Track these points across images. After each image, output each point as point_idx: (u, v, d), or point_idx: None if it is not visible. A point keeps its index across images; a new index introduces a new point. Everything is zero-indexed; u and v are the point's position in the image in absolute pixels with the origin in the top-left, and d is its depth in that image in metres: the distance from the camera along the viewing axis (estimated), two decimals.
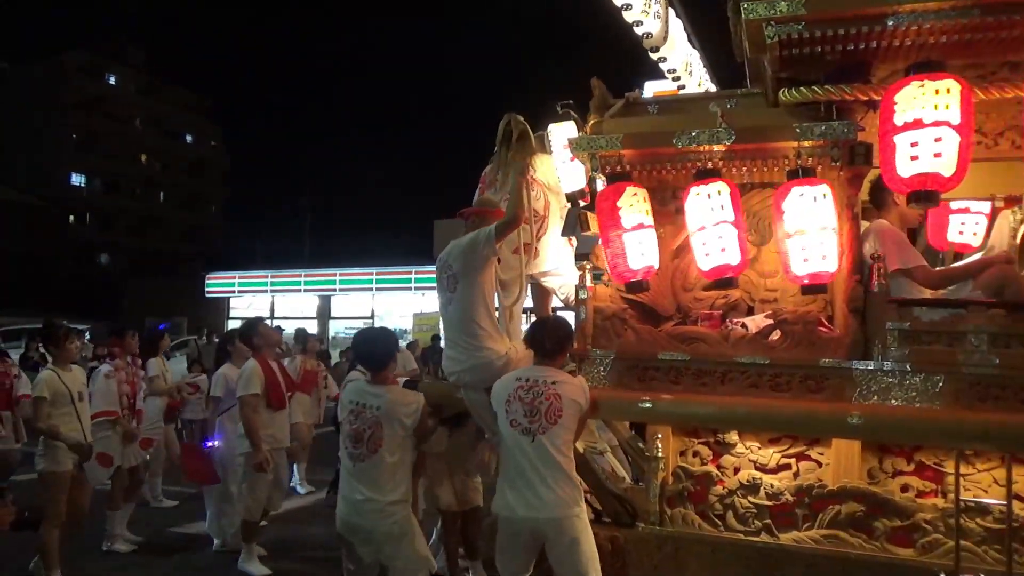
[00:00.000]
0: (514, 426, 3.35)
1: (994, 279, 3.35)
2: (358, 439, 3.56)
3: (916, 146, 2.87)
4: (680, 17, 6.68)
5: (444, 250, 3.83)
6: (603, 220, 3.56)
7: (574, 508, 3.28)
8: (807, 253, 3.23)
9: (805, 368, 3.31)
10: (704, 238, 3.39)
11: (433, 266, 15.33)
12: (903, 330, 3.20)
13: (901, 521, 3.26)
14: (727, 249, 3.35)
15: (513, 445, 3.36)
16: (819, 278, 3.27)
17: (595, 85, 3.97)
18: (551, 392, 3.34)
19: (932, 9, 3.05)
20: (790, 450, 3.49)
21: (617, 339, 3.63)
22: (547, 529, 3.27)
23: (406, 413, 3.59)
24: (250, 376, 5.35)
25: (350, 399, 3.67)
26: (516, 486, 3.32)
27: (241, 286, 24.24)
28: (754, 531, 3.46)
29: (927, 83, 2.88)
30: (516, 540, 3.37)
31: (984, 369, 3.08)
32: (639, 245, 3.49)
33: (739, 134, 3.39)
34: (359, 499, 3.54)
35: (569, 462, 3.34)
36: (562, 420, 3.31)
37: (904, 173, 2.89)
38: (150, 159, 44.53)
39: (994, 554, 3.11)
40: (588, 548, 3.29)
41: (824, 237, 3.21)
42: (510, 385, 3.44)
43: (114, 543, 5.77)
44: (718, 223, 3.35)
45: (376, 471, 3.54)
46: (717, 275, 3.42)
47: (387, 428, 3.55)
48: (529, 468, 3.29)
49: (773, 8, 3.22)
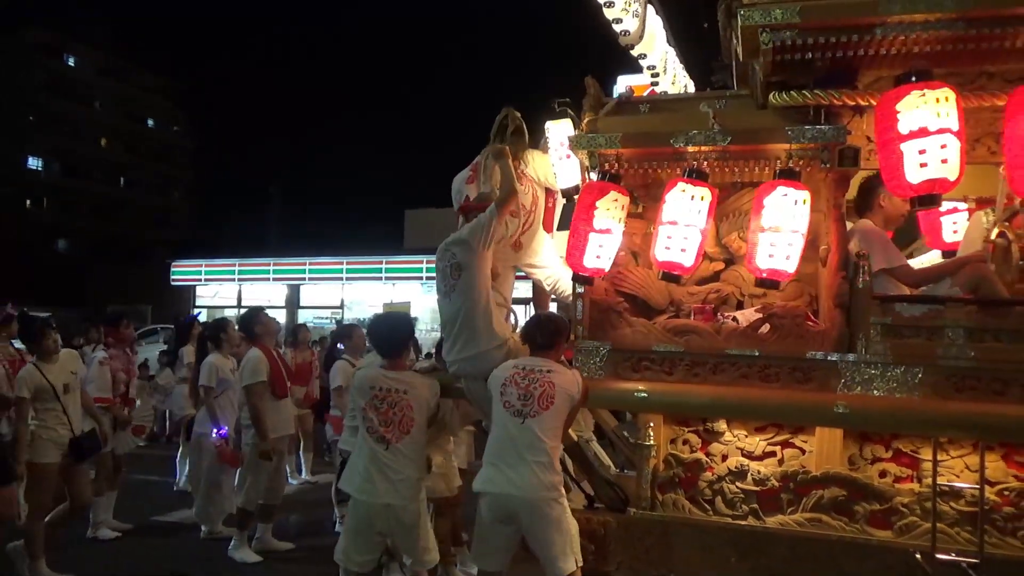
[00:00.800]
0: (507, 407, 3.46)
1: (970, 277, 3.55)
2: (388, 422, 3.66)
3: (924, 153, 3.01)
4: (659, 15, 6.83)
5: (445, 240, 3.91)
6: (578, 211, 3.68)
7: (552, 493, 3.37)
8: (774, 250, 3.38)
9: (793, 360, 3.47)
10: (671, 232, 3.52)
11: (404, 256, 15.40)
12: (885, 325, 3.37)
13: (880, 505, 3.46)
14: (686, 250, 3.49)
15: (502, 425, 3.47)
16: (777, 275, 3.41)
17: (589, 84, 4.07)
18: (546, 380, 3.46)
19: (919, 21, 3.21)
20: (775, 438, 3.66)
21: (612, 331, 3.75)
22: (522, 509, 3.35)
23: (432, 395, 3.78)
24: (256, 364, 5.38)
25: (371, 385, 3.75)
26: (498, 464, 3.43)
27: (208, 274, 23.83)
28: (741, 515, 3.63)
29: (927, 92, 3.04)
30: (491, 517, 3.44)
31: (960, 362, 3.26)
32: (599, 248, 3.63)
33: (733, 136, 3.53)
34: (397, 479, 3.63)
35: (555, 449, 3.44)
36: (554, 407, 3.42)
37: (914, 179, 3.03)
38: (112, 142, 43.54)
39: (966, 535, 3.32)
40: (564, 534, 3.36)
41: (793, 239, 3.36)
42: (508, 370, 3.56)
43: (98, 530, 5.76)
44: (689, 224, 3.49)
45: (411, 451, 3.68)
46: (667, 268, 3.56)
47: (417, 411, 3.69)
48: (513, 449, 3.40)
49: (768, 16, 3.35)
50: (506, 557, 3.55)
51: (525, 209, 4.13)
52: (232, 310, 22.27)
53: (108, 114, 43.06)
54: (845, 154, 3.45)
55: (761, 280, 3.47)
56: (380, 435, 3.67)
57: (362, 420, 3.75)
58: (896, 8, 3.19)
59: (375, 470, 3.65)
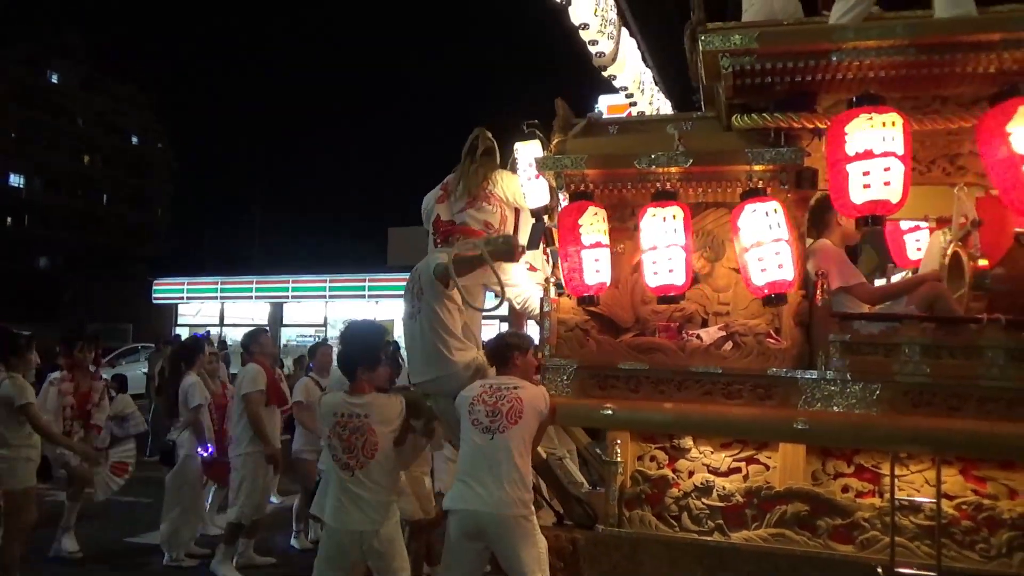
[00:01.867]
0: (475, 425, 3.49)
1: (926, 295, 3.64)
2: (350, 449, 3.62)
3: (868, 175, 3.11)
4: (635, 37, 6.95)
5: (422, 261, 3.95)
6: (563, 235, 3.74)
7: (522, 510, 3.38)
8: (764, 264, 3.44)
9: (755, 377, 3.53)
10: (655, 257, 3.58)
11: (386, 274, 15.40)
12: (844, 342, 3.44)
13: (842, 520, 3.50)
14: (674, 271, 3.55)
15: (471, 443, 3.49)
16: (778, 287, 3.44)
17: (559, 106, 4.14)
18: (513, 396, 3.51)
19: (872, 47, 3.31)
20: (740, 454, 3.71)
21: (580, 349, 3.81)
22: (490, 526, 3.36)
23: (396, 415, 3.71)
24: (255, 375, 5.53)
25: (332, 411, 3.70)
26: (468, 482, 3.44)
27: (190, 292, 23.74)
28: (707, 531, 3.67)
29: (874, 116, 3.13)
30: (460, 535, 3.45)
31: (917, 378, 3.34)
32: (595, 263, 3.68)
33: (695, 157, 3.61)
34: (365, 505, 3.59)
35: (525, 464, 3.46)
36: (522, 422, 3.46)
37: (857, 200, 3.13)
38: (94, 157, 43.33)
39: (926, 549, 3.37)
40: (532, 553, 3.37)
41: (779, 248, 3.41)
42: (475, 390, 3.60)
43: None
44: (670, 245, 3.54)
45: (378, 475, 3.63)
46: (662, 292, 3.61)
47: (380, 434, 3.64)
48: (484, 465, 3.42)
49: (728, 41, 3.44)
50: (478, 574, 3.56)
51: (494, 228, 4.18)
52: (215, 328, 22.18)
53: (90, 129, 42.89)
54: (803, 175, 3.55)
55: (767, 299, 3.48)
56: (344, 462, 3.62)
57: (327, 448, 3.74)
58: (850, 35, 3.30)
59: (344, 497, 3.61)
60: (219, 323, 23.21)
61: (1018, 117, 3.11)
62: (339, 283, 21.89)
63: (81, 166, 42.71)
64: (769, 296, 3.49)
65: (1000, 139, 3.16)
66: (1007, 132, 3.14)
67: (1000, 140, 3.16)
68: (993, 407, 3.24)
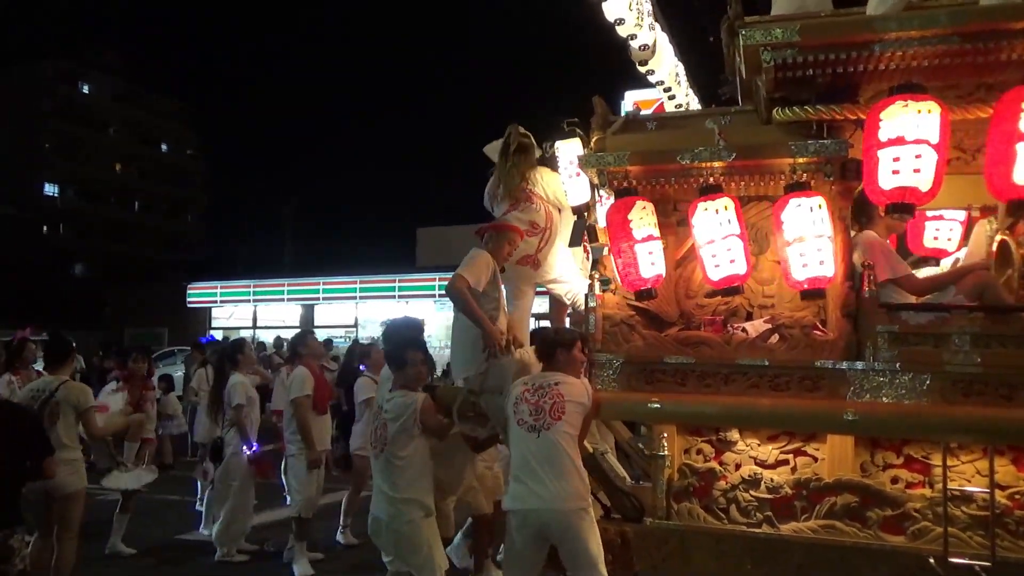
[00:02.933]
0: (520, 424, 3.56)
1: (974, 285, 3.62)
2: (377, 439, 3.84)
3: (898, 161, 3.12)
4: (666, 31, 6.95)
5: None
6: (614, 232, 3.77)
7: (581, 503, 3.45)
8: (806, 259, 3.46)
9: (802, 369, 3.54)
10: (714, 250, 3.60)
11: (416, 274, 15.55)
12: (892, 333, 3.44)
13: (892, 510, 3.50)
14: (736, 260, 3.58)
15: (520, 443, 3.56)
16: (817, 282, 3.49)
17: (597, 103, 4.18)
18: (555, 392, 3.56)
19: (915, 37, 3.30)
20: (788, 446, 3.72)
21: (625, 344, 3.84)
22: (554, 521, 3.43)
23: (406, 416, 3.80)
24: (303, 379, 5.72)
25: (379, 406, 3.95)
26: (523, 480, 3.50)
27: (223, 296, 24.15)
28: (756, 523, 3.69)
29: (910, 103, 3.13)
30: (523, 535, 3.52)
31: (967, 368, 3.32)
32: (649, 255, 3.71)
33: (738, 151, 3.62)
34: (380, 492, 3.81)
35: (575, 456, 3.52)
36: (565, 417, 3.51)
37: (885, 185, 3.14)
38: (127, 167, 44.17)
39: (978, 539, 3.36)
40: (596, 545, 3.45)
41: (821, 244, 3.44)
42: (518, 389, 3.66)
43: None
44: (727, 236, 3.57)
45: (388, 469, 3.77)
46: (726, 284, 3.65)
47: (391, 427, 3.78)
48: (535, 463, 3.47)
49: (769, 34, 3.46)
50: (536, 566, 3.62)
51: (540, 227, 4.23)
52: (247, 331, 22.52)
53: (122, 139, 43.75)
54: (848, 167, 3.54)
55: (805, 292, 3.53)
56: (375, 452, 3.86)
57: (372, 441, 3.88)
58: (892, 25, 3.30)
59: (379, 487, 3.82)
60: (252, 326, 23.57)
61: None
62: (369, 284, 22.10)
63: (115, 175, 43.54)
64: (808, 290, 3.51)
65: (1012, 115, 3.13)
66: (1021, 109, 3.11)
67: (1012, 115, 3.13)
68: None
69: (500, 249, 4.03)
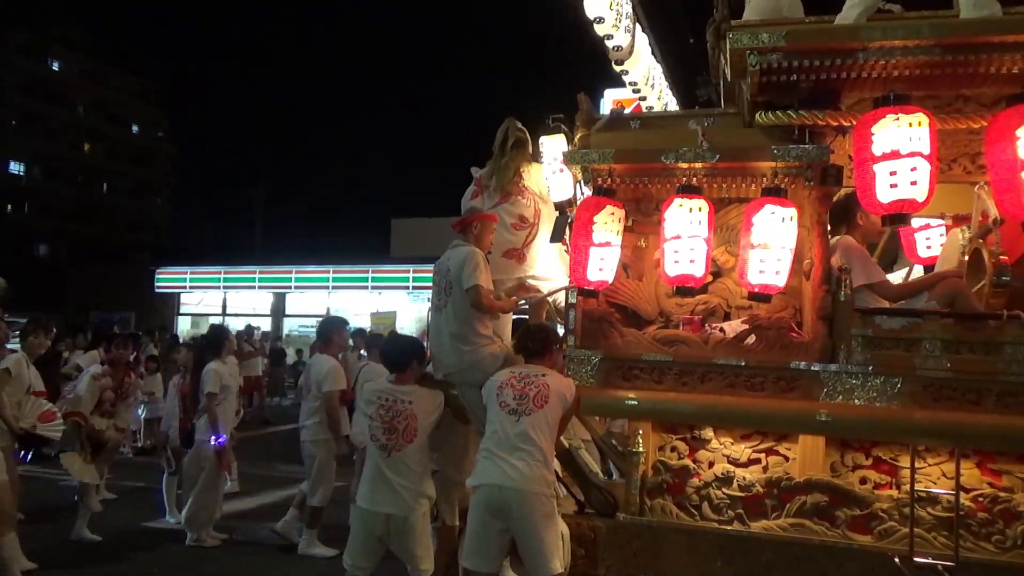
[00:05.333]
0: (503, 407, 3.56)
1: (946, 292, 3.70)
2: (391, 431, 3.78)
3: (895, 175, 3.17)
4: (646, 32, 6.98)
5: (443, 255, 4.02)
6: (577, 227, 3.80)
7: (544, 488, 3.44)
8: (764, 266, 3.53)
9: (778, 370, 3.60)
10: (677, 246, 3.65)
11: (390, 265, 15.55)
12: (866, 336, 3.51)
13: (860, 510, 3.58)
14: (695, 261, 3.62)
15: (498, 422, 3.56)
16: (767, 289, 3.56)
17: (581, 100, 4.18)
18: (541, 382, 3.57)
19: (898, 46, 3.37)
20: (760, 445, 3.78)
21: (604, 341, 3.86)
22: (513, 501, 3.40)
23: (435, 407, 3.89)
24: (337, 374, 5.81)
25: (377, 395, 3.87)
26: (491, 457, 3.50)
27: (193, 282, 23.75)
28: (727, 520, 3.74)
29: (901, 116, 3.19)
30: (483, 513, 3.49)
31: (937, 372, 3.41)
32: (600, 260, 3.75)
33: (721, 153, 3.66)
34: (399, 486, 3.74)
35: (548, 446, 3.52)
36: (548, 406, 3.52)
37: (884, 199, 3.19)
38: (94, 146, 43.24)
39: (943, 540, 3.45)
40: (552, 535, 3.43)
41: (782, 255, 3.51)
42: (504, 375, 3.67)
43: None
44: (693, 236, 3.61)
45: (413, 460, 3.78)
46: (679, 282, 3.70)
47: (421, 421, 3.78)
48: (508, 444, 3.47)
49: (756, 38, 3.50)
50: (499, 558, 3.62)
51: (528, 222, 4.23)
52: (217, 318, 22.19)
53: (90, 118, 42.76)
54: (828, 172, 3.60)
55: (753, 294, 3.61)
56: (383, 444, 3.77)
57: (368, 429, 3.85)
58: (877, 34, 3.36)
59: (378, 478, 3.76)
60: (222, 313, 23.23)
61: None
62: (342, 274, 21.89)
63: (82, 155, 42.61)
64: (756, 294, 3.59)
65: (1008, 140, 3.21)
66: (1016, 136, 3.19)
67: (1008, 142, 3.21)
68: (1012, 401, 3.31)
69: (485, 240, 4.04)
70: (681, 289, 3.74)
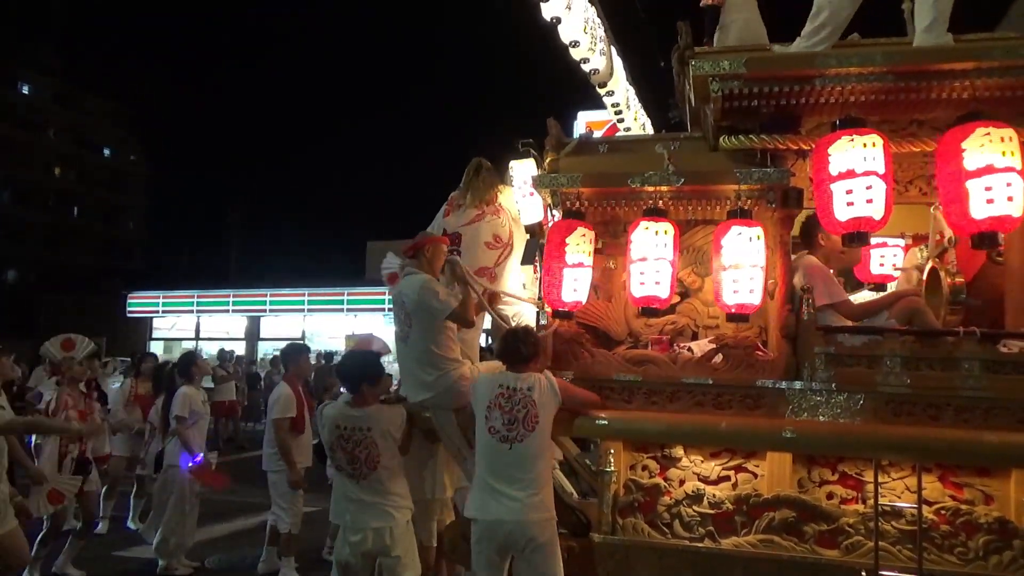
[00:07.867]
0: (492, 433, 3.56)
1: (905, 310, 3.81)
2: (354, 461, 3.77)
3: (851, 193, 3.28)
4: (619, 55, 7.13)
5: (396, 287, 4.07)
6: (549, 250, 3.87)
7: (547, 513, 3.51)
8: (738, 286, 3.62)
9: (744, 388, 3.67)
10: (643, 268, 3.73)
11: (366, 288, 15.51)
12: (829, 354, 3.59)
13: (827, 525, 3.63)
14: (660, 283, 3.70)
15: (490, 452, 3.57)
16: (744, 308, 3.65)
17: (551, 125, 4.26)
18: (528, 400, 3.57)
19: (853, 73, 3.50)
20: (729, 463, 3.82)
21: (575, 361, 3.91)
22: (517, 533, 3.45)
23: (397, 425, 3.88)
24: (287, 401, 5.69)
25: (336, 423, 3.83)
26: (490, 489, 3.52)
27: (165, 306, 23.51)
28: (698, 537, 3.78)
29: (856, 137, 3.30)
30: (486, 547, 3.53)
31: (898, 388, 3.49)
32: (574, 281, 3.82)
33: (687, 177, 3.76)
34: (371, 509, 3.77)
35: (546, 467, 3.57)
36: (539, 426, 3.55)
37: (841, 217, 3.30)
38: (65, 170, 42.75)
39: (907, 552, 3.51)
40: (557, 558, 3.51)
41: (754, 273, 3.60)
42: (492, 391, 3.63)
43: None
44: (658, 259, 3.70)
45: (382, 483, 3.79)
46: (645, 303, 3.77)
47: (382, 444, 3.77)
48: (505, 473, 3.50)
49: (717, 66, 3.61)
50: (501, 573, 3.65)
51: (503, 242, 4.29)
52: (190, 343, 21.95)
53: (61, 142, 42.31)
54: (789, 195, 3.70)
55: (732, 315, 3.69)
56: (348, 472, 3.77)
57: (330, 456, 3.84)
58: (832, 62, 3.48)
59: (350, 504, 3.78)
60: (195, 337, 22.99)
61: (974, 137, 3.25)
62: (317, 297, 21.82)
63: (53, 179, 42.11)
64: (734, 314, 3.67)
65: (954, 154, 3.32)
66: (961, 148, 3.29)
67: (953, 155, 3.31)
68: (970, 416, 3.40)
69: (436, 264, 4.08)
70: (647, 310, 3.81)
